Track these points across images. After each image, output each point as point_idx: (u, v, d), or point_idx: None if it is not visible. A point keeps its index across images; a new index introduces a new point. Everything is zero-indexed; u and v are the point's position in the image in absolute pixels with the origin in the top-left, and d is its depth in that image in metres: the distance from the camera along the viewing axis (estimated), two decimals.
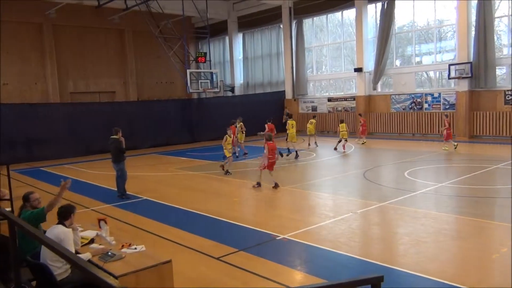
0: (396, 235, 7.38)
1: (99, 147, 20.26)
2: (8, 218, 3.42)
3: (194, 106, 24.72)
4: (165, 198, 10.59)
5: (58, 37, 26.34)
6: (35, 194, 5.85)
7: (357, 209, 8.89)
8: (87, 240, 5.49)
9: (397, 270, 5.73)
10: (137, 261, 4.82)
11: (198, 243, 7.11)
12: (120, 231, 7.44)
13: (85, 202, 10.52)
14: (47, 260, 4.65)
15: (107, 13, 26.08)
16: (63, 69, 26.67)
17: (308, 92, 26.91)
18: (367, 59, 23.23)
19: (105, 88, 28.63)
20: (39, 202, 5.80)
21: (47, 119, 19.24)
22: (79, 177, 14.38)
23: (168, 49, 22.97)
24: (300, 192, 10.77)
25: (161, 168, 15.80)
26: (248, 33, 30.06)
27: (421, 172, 12.67)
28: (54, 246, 2.78)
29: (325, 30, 26.29)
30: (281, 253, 6.62)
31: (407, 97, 22.03)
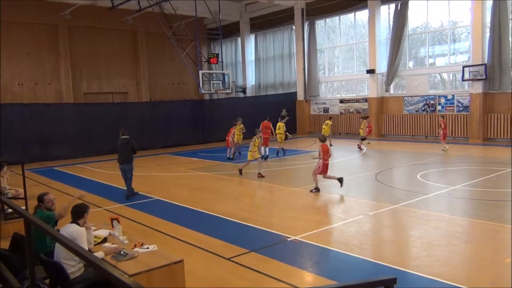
0: (408, 238, 7.33)
1: (112, 147, 20.33)
2: (24, 216, 3.46)
3: (206, 107, 24.82)
4: (176, 198, 10.64)
5: (72, 38, 26.65)
6: (50, 195, 5.93)
7: (369, 211, 8.84)
8: (100, 239, 5.54)
9: (409, 273, 5.69)
10: (150, 260, 4.86)
11: (209, 243, 7.13)
12: (132, 231, 7.50)
13: (97, 201, 10.60)
14: (61, 258, 4.71)
15: (121, 14, 26.30)
16: (77, 70, 26.97)
17: (320, 94, 26.84)
18: (380, 60, 23.09)
19: (118, 89, 28.89)
20: (53, 203, 5.88)
21: (61, 119, 19.47)
22: (92, 177, 14.53)
23: (180, 50, 23.08)
24: (311, 193, 10.73)
25: (173, 168, 15.89)
26: (260, 34, 30.09)
27: (434, 174, 12.56)
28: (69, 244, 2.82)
29: (338, 31, 26.21)
30: (292, 254, 6.62)
31: (420, 99, 21.86)
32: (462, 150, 17.22)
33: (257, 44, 30.45)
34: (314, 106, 27.09)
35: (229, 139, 17.17)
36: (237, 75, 31.62)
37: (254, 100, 27.00)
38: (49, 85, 26.16)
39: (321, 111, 26.65)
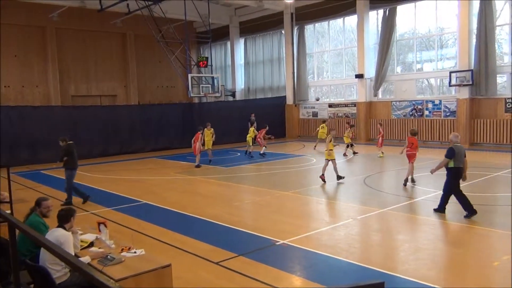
0: (396, 242, 7.37)
1: (100, 151, 20.32)
2: (9, 220, 3.41)
3: (195, 111, 24.74)
4: (165, 202, 10.58)
5: (60, 40, 26.44)
6: (48, 202, 5.88)
7: (357, 215, 8.88)
8: (86, 243, 5.48)
9: (397, 276, 5.72)
10: (137, 265, 4.81)
11: (198, 248, 7.10)
12: (119, 235, 7.42)
13: (84, 205, 10.51)
14: (46, 263, 4.65)
15: (110, 17, 26.16)
16: (65, 72, 26.74)
17: (309, 98, 26.94)
18: (368, 65, 23.27)
19: (106, 92, 28.69)
20: (49, 210, 5.83)
21: (48, 122, 19.23)
22: (79, 180, 14.35)
23: (169, 53, 23.02)
24: (300, 197, 10.76)
25: (162, 172, 15.80)
26: (250, 38, 30.15)
27: (421, 179, 12.65)
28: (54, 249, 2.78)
29: (327, 36, 26.36)
30: (281, 258, 6.61)
31: (407, 104, 22.05)
32: None
33: (247, 48, 30.50)
34: (303, 110, 27.18)
35: (197, 146, 16.29)
36: (227, 79, 31.63)
37: (243, 104, 27.00)
38: (36, 87, 25.89)
39: (310, 115, 26.74)
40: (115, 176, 15.19)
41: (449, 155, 8.33)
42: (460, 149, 8.45)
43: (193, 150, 16.54)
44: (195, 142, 16.43)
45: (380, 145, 17.61)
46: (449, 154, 8.33)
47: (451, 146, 8.47)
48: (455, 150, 8.32)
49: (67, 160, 10.58)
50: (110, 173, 15.76)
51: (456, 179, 8.43)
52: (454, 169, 8.37)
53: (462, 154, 8.44)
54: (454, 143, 8.53)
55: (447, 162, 8.38)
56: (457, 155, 8.31)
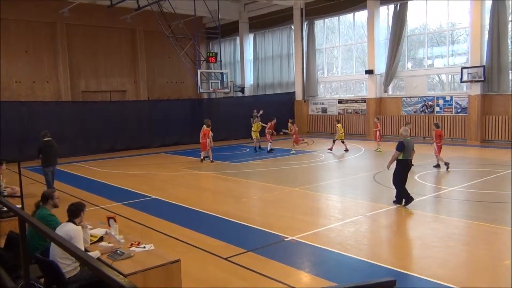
0: (406, 239, 7.31)
1: (109, 146, 20.44)
2: (19, 215, 3.42)
3: (204, 106, 24.76)
4: (173, 198, 10.60)
5: (70, 36, 26.55)
6: (56, 192, 5.94)
7: (366, 211, 8.82)
8: (96, 238, 5.50)
9: (407, 274, 5.67)
10: (146, 260, 4.82)
11: (206, 243, 7.10)
12: (128, 230, 7.45)
13: (94, 200, 10.57)
14: (56, 258, 4.67)
15: (119, 12, 26.23)
16: (75, 68, 26.87)
17: (319, 94, 26.82)
18: (379, 61, 23.09)
19: (116, 87, 28.80)
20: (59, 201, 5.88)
21: (59, 117, 19.38)
22: (89, 175, 14.48)
23: (179, 49, 23.02)
24: (309, 193, 10.73)
25: (170, 167, 15.84)
26: (259, 34, 30.06)
27: (432, 175, 12.56)
28: (64, 243, 2.78)
29: (336, 31, 26.20)
30: (289, 254, 6.59)
31: (418, 100, 21.86)
32: (460, 152, 17.23)
33: (256, 44, 30.42)
34: (312, 106, 27.08)
35: (207, 142, 16.14)
36: (236, 75, 31.59)
37: (252, 100, 26.95)
38: (47, 83, 26.05)
39: (319, 111, 26.63)
40: (124, 171, 15.26)
41: (399, 148, 8.90)
42: (409, 142, 9.06)
43: (203, 146, 16.38)
44: (204, 138, 16.31)
45: (378, 140, 17.59)
46: (399, 147, 8.90)
47: (401, 140, 9.02)
48: (405, 144, 8.88)
49: (42, 157, 10.64)
50: (119, 168, 15.84)
51: (405, 170, 9.00)
52: (404, 161, 8.95)
53: (411, 147, 9.11)
54: (404, 137, 9.13)
55: (398, 155, 8.92)
56: (407, 148, 8.90)
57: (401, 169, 9.00)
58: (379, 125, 18.03)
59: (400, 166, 9.00)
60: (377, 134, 17.76)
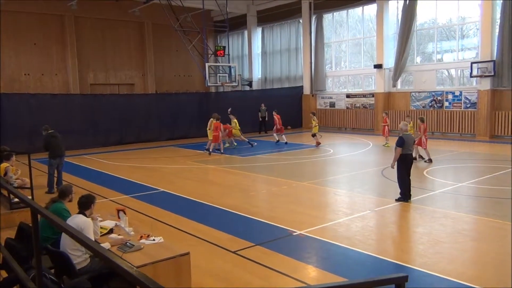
0: (415, 235, 7.29)
1: (117, 139, 20.55)
2: (31, 206, 3.45)
3: (212, 100, 24.77)
4: (182, 191, 10.64)
5: (79, 29, 26.63)
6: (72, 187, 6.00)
7: (374, 207, 8.80)
8: (106, 230, 5.54)
9: (416, 269, 5.66)
10: (156, 252, 4.85)
11: (215, 236, 7.13)
12: (138, 222, 7.50)
13: (103, 192, 10.64)
14: (67, 249, 4.71)
15: (128, 5, 26.26)
16: (83, 61, 26.97)
17: (327, 88, 26.72)
18: (387, 55, 22.94)
19: (124, 80, 28.89)
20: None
21: (68, 110, 19.50)
22: (97, 168, 14.58)
23: (187, 42, 23.04)
24: (317, 188, 10.72)
25: (179, 160, 15.89)
26: (267, 28, 29.96)
27: (440, 171, 12.49)
28: (76, 235, 2.80)
29: (345, 25, 26.04)
30: (297, 249, 6.60)
31: (427, 95, 21.72)
32: (469, 147, 17.13)
33: (264, 37, 30.33)
34: (320, 100, 26.99)
35: (219, 135, 16.59)
36: (244, 68, 31.54)
37: (260, 94, 26.93)
38: (55, 75, 26.20)
39: (327, 105, 26.55)
40: (132, 164, 15.34)
41: (399, 143, 8.87)
42: (409, 136, 9.08)
43: (215, 138, 16.51)
44: (217, 131, 16.44)
45: (386, 135, 17.51)
46: (399, 142, 8.87)
47: (401, 135, 8.98)
48: (404, 139, 8.87)
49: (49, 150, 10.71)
50: (128, 161, 15.92)
51: (405, 165, 8.96)
52: (403, 156, 8.91)
53: (411, 142, 9.13)
54: (403, 131, 9.10)
55: (400, 151, 8.86)
56: (406, 143, 8.87)
57: (402, 164, 8.94)
58: (388, 120, 17.94)
59: (400, 161, 8.94)
60: (385, 129, 17.67)
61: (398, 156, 8.91)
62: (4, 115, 17.61)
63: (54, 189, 10.48)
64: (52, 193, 10.24)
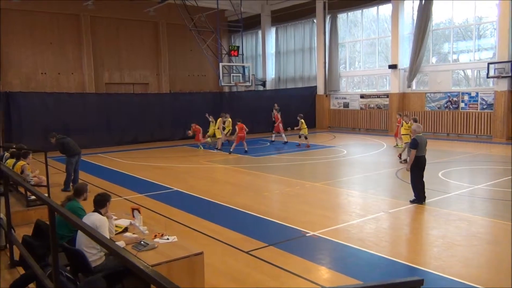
0: (429, 237, 7.22)
1: (131, 138, 20.71)
2: (48, 204, 3.51)
3: (225, 100, 24.82)
4: (195, 190, 10.70)
5: (94, 28, 26.93)
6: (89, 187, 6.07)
7: (388, 208, 8.75)
8: (121, 228, 5.60)
9: (430, 272, 5.61)
10: (170, 251, 4.89)
11: (228, 236, 7.15)
12: (152, 221, 7.56)
13: (118, 191, 10.74)
14: (83, 247, 4.77)
15: (143, 5, 26.47)
16: (99, 60, 27.27)
17: (340, 88, 26.60)
18: (402, 55, 22.75)
19: (139, 80, 29.13)
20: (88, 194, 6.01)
21: (83, 109, 19.73)
22: (112, 166, 14.72)
23: (201, 42, 23.13)
24: (330, 189, 10.68)
25: (192, 160, 15.97)
26: (281, 28, 29.93)
27: (455, 173, 12.36)
28: (92, 233, 2.84)
29: (360, 25, 25.89)
30: (310, 249, 6.59)
31: (442, 96, 21.49)
32: (485, 149, 16.90)
33: (278, 37, 30.32)
34: (334, 100, 26.88)
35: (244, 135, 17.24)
36: (257, 68, 31.56)
37: (273, 94, 26.91)
38: (71, 74, 26.52)
39: (341, 105, 26.43)
40: (146, 163, 15.45)
41: (413, 146, 8.82)
42: (422, 138, 8.91)
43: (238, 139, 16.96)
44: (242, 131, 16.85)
45: (399, 136, 17.03)
46: (413, 144, 8.82)
47: (414, 137, 8.95)
48: (418, 141, 8.77)
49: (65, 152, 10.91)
50: (142, 160, 16.04)
51: (420, 167, 8.87)
52: (417, 158, 8.80)
53: (424, 144, 8.95)
54: (416, 133, 9.02)
55: (414, 153, 8.77)
56: (420, 145, 8.77)
57: (415, 166, 8.84)
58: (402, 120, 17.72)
59: (414, 163, 8.84)
60: (398, 129, 17.44)
61: (413, 158, 8.80)
62: (21, 113, 17.92)
63: (70, 187, 10.60)
64: (68, 191, 10.36)
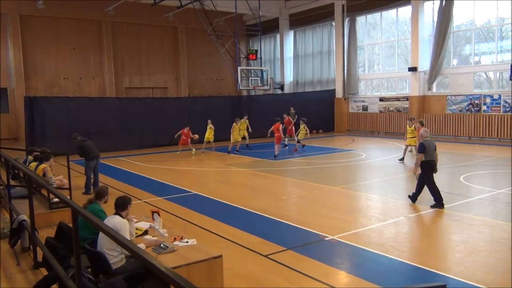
0: (450, 242, 7.11)
1: (151, 141, 20.92)
2: (72, 206, 3.58)
3: (243, 103, 24.89)
4: (213, 193, 10.74)
5: (115, 34, 27.38)
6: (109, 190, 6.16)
7: (408, 213, 8.63)
8: (141, 231, 5.66)
9: (452, 278, 5.50)
10: (189, 254, 4.92)
11: (246, 240, 7.16)
12: (171, 224, 7.62)
13: (138, 194, 10.86)
14: (104, 249, 4.84)
15: (162, 10, 26.78)
16: (119, 65, 27.70)
17: (359, 91, 26.42)
18: (422, 58, 22.49)
19: (158, 84, 29.47)
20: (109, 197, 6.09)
21: (104, 113, 20.02)
22: (132, 170, 14.89)
23: (219, 46, 23.26)
24: (349, 193, 10.61)
25: (211, 163, 16.05)
26: (299, 31, 29.91)
27: (477, 177, 12.14)
28: (114, 235, 2.89)
29: (379, 28, 25.70)
30: (329, 254, 6.55)
31: (464, 98, 21.14)
32: (507, 153, 16.53)
33: (296, 41, 30.30)
34: (352, 104, 26.71)
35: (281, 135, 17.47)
36: (275, 72, 31.58)
37: (291, 97, 26.87)
38: (93, 79, 26.98)
39: (360, 109, 26.25)
40: (165, 166, 15.59)
41: (421, 150, 8.88)
42: (430, 143, 8.95)
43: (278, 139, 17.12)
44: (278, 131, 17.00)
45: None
46: (421, 149, 8.88)
47: (421, 142, 9.03)
48: (425, 145, 8.82)
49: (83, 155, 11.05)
50: (161, 163, 16.19)
51: (429, 171, 8.89)
52: (426, 162, 8.85)
53: (433, 148, 8.95)
54: (424, 138, 9.08)
55: (421, 157, 8.83)
56: (428, 149, 8.81)
57: (428, 171, 8.86)
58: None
59: (423, 168, 8.87)
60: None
61: (419, 162, 8.86)
62: (44, 117, 18.28)
63: (91, 190, 10.76)
64: (89, 194, 10.52)
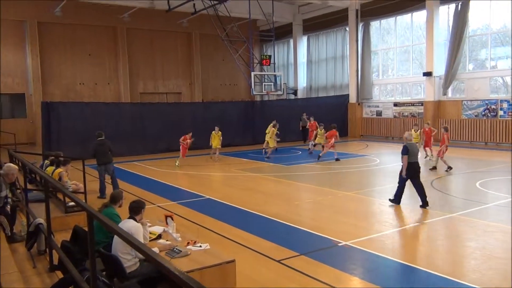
0: (466, 249, 7.01)
1: (165, 146, 21.06)
2: (87, 210, 3.63)
3: (257, 108, 24.94)
4: (227, 198, 10.77)
5: (130, 39, 27.71)
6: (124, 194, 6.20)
7: (423, 219, 8.55)
8: (154, 235, 5.71)
9: (467, 285, 5.44)
10: (202, 258, 4.94)
11: (259, 245, 7.16)
12: (184, 228, 7.65)
13: (151, 198, 10.94)
14: (118, 253, 4.89)
15: (177, 16, 27.02)
16: (134, 70, 28.00)
17: (373, 96, 26.28)
18: (438, 62, 22.28)
19: (172, 89, 29.70)
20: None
21: (119, 118, 20.24)
22: (146, 174, 15.01)
23: (233, 52, 23.35)
24: (363, 198, 10.55)
25: (224, 168, 16.09)
26: (313, 36, 29.91)
27: (494, 183, 11.96)
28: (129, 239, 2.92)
29: (393, 32, 25.56)
30: (343, 259, 6.52)
31: (480, 103, 20.89)
32: None
33: (310, 46, 30.29)
34: (366, 109, 26.56)
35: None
36: (289, 77, 31.58)
37: (305, 102, 26.84)
38: (108, 84, 27.31)
39: (374, 114, 26.09)
40: (179, 171, 15.67)
41: (404, 152, 9.32)
42: (413, 145, 9.50)
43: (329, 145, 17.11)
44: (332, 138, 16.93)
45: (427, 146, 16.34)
46: (404, 151, 9.31)
47: (405, 144, 9.41)
48: (408, 147, 9.28)
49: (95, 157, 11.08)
50: (175, 168, 16.28)
51: (409, 172, 9.33)
52: (408, 164, 9.30)
53: (416, 151, 9.50)
54: (407, 141, 9.52)
55: (406, 159, 9.26)
56: (411, 152, 9.28)
57: (406, 171, 9.31)
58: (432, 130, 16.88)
59: (406, 169, 9.32)
60: (429, 140, 16.56)
61: (406, 164, 9.28)
62: (60, 123, 18.53)
63: (106, 194, 10.87)
64: (103, 198, 10.62)
